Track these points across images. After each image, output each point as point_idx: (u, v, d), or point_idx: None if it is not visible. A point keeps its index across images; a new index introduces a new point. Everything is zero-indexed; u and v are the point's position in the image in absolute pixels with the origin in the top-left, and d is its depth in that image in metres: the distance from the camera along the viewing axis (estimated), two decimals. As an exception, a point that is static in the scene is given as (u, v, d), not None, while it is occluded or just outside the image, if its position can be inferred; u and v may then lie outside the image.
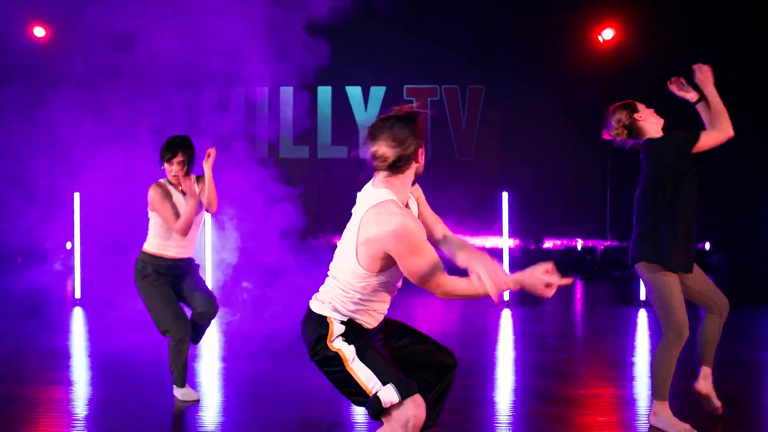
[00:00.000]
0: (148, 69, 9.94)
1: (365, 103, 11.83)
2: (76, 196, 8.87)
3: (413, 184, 3.20)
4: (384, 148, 3.01)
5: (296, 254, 9.35)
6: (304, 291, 4.02)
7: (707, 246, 11.52)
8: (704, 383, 4.43)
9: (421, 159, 3.09)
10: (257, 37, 9.56)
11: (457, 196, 10.58)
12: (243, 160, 9.68)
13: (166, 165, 4.88)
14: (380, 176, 3.07)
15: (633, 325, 7.83)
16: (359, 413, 4.66)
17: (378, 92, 11.81)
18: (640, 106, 4.55)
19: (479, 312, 8.31)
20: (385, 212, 2.96)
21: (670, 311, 4.20)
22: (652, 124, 4.49)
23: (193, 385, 5.32)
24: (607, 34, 11.46)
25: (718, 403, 4.46)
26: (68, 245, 10.75)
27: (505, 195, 8.94)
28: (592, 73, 11.46)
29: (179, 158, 4.83)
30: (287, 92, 11.66)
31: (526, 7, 11.63)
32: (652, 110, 4.54)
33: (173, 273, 4.97)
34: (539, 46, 11.58)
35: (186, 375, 4.95)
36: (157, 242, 4.94)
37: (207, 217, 8.50)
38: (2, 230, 10.21)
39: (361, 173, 3.21)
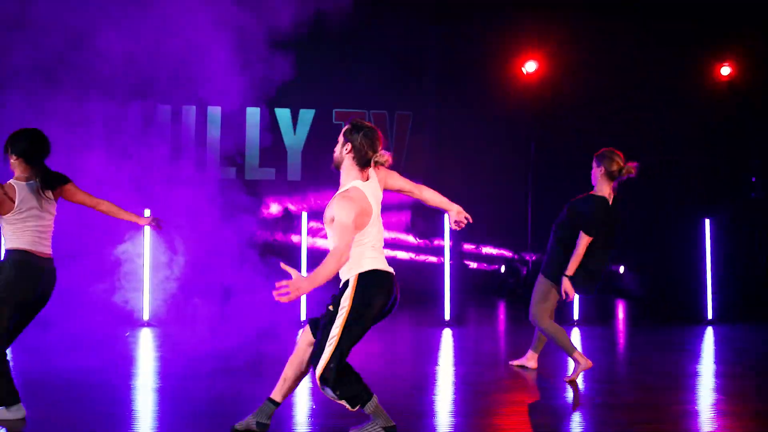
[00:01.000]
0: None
1: (294, 126, 11.84)
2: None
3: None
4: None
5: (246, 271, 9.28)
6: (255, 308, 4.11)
7: (621, 269, 12.02)
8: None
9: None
10: (192, 54, 9.47)
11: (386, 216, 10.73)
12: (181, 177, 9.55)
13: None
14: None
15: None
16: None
17: (307, 115, 11.85)
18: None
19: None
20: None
21: None
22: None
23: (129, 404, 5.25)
24: (530, 66, 11.91)
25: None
26: None
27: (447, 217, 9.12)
28: (516, 103, 11.87)
29: None
30: (216, 111, 11.53)
31: (453, 36, 11.95)
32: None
33: None
34: (466, 75, 11.91)
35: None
36: None
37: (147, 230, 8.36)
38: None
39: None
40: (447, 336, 8.26)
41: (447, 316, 8.83)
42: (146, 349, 7.47)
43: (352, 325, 4.15)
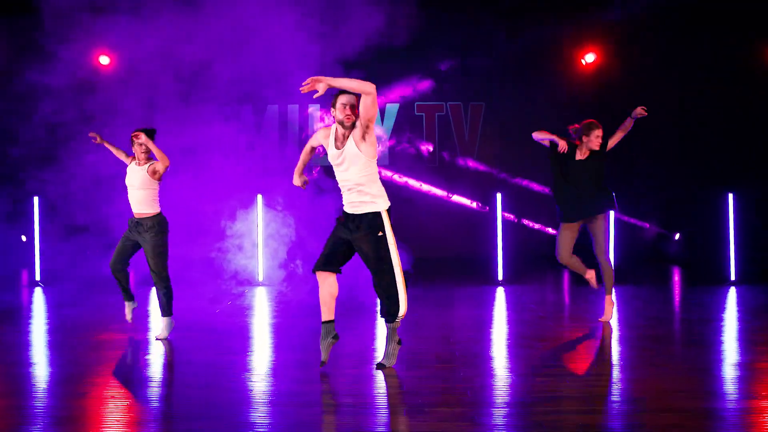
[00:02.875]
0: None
1: (382, 119, 13.78)
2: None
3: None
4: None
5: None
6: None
7: (677, 236, 13.38)
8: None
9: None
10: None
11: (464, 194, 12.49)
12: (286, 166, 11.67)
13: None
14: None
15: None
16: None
17: (392, 109, 13.76)
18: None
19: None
20: None
21: None
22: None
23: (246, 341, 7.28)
24: (589, 57, 13.39)
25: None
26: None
27: (499, 195, 10.82)
28: (576, 91, 13.38)
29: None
30: (315, 108, 13.66)
31: (519, 30, 13.50)
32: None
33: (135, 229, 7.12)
34: (532, 66, 13.47)
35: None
36: None
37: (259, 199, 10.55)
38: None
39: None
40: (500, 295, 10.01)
41: (500, 276, 10.60)
42: (261, 302, 9.58)
43: (397, 254, 5.66)
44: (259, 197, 10.59)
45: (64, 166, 11.60)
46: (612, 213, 7.82)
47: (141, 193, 7.07)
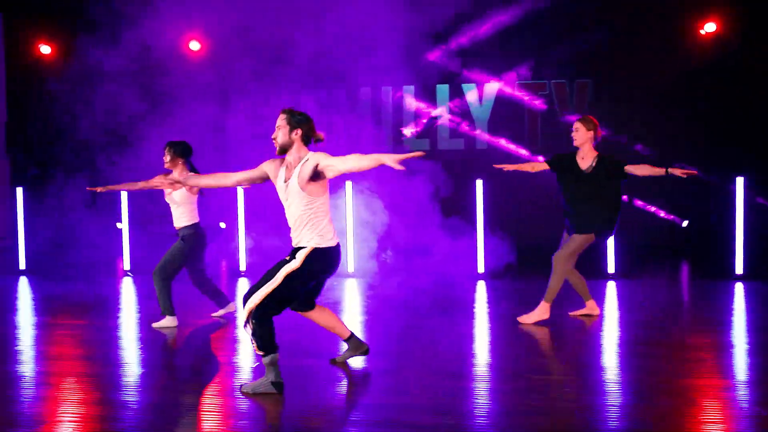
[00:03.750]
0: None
1: (480, 99, 13.02)
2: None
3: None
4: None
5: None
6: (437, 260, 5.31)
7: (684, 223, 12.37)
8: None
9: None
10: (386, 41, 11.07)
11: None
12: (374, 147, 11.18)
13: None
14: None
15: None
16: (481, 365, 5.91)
17: (492, 88, 12.98)
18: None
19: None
20: None
21: None
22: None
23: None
24: (710, 27, 12.24)
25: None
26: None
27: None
28: (693, 64, 12.26)
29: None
30: (410, 90, 13.03)
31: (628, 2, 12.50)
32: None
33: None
34: (642, 38, 12.42)
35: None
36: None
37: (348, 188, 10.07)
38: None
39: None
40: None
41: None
42: (352, 296, 9.09)
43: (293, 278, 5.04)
44: (348, 184, 10.06)
45: (141, 151, 11.48)
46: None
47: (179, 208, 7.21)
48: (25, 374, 5.70)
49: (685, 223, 12.47)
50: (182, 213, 7.12)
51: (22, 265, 10.88)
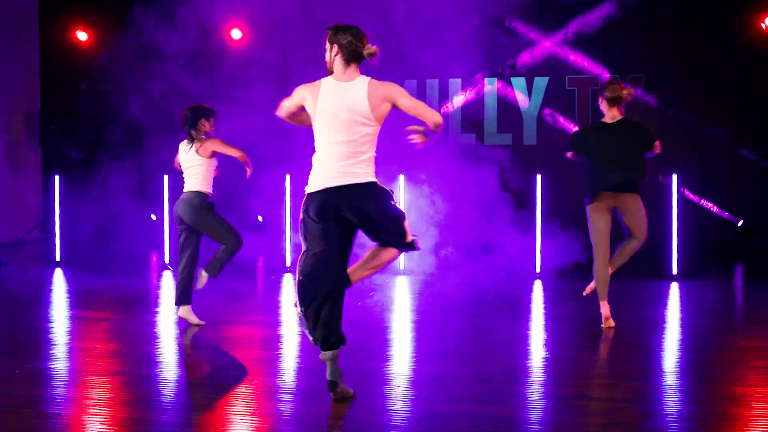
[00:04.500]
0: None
1: (529, 93, 12.57)
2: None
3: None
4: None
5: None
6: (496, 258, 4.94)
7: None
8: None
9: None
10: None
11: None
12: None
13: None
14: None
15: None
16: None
17: (541, 82, 12.52)
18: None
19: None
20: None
21: None
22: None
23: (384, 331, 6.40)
24: (769, 20, 11.65)
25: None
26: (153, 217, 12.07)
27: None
28: (756, 60, 11.70)
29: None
30: (456, 83, 12.62)
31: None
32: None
33: None
34: (699, 32, 11.88)
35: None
36: None
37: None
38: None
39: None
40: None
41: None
42: (403, 293, 8.74)
43: None
44: (401, 177, 9.68)
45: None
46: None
47: None
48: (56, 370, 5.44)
49: (740, 223, 11.90)
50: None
51: (58, 257, 10.71)
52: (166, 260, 10.44)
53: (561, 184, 10.70)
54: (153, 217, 12.01)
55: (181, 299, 6.65)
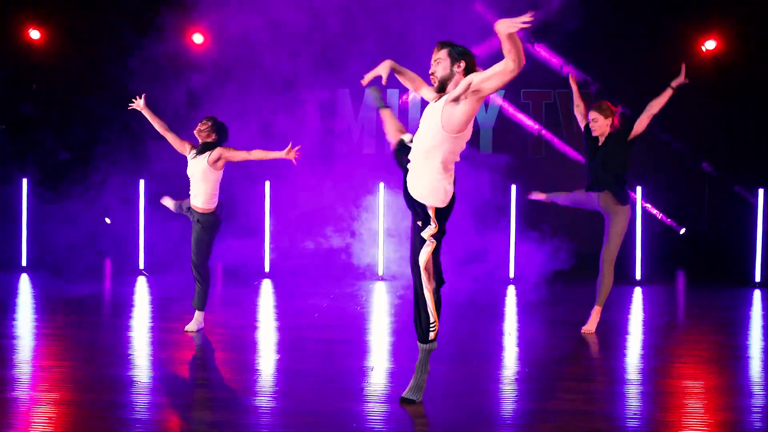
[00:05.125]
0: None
1: (485, 106, 13.07)
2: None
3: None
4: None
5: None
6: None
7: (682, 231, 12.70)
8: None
9: None
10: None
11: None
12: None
13: None
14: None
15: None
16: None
17: (497, 95, 13.05)
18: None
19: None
20: None
21: None
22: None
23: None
24: (710, 44, 12.59)
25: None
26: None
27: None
28: (695, 79, 12.56)
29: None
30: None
31: (632, 16, 12.72)
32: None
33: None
34: (647, 52, 12.67)
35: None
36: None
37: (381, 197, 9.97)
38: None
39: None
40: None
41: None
42: (381, 295, 9.00)
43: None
44: (381, 185, 9.97)
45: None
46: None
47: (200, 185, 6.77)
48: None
49: (682, 231, 12.72)
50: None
51: (24, 262, 10.44)
52: (141, 266, 10.34)
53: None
54: (107, 220, 11.83)
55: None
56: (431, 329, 4.85)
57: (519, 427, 4.53)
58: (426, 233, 4.78)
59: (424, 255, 4.79)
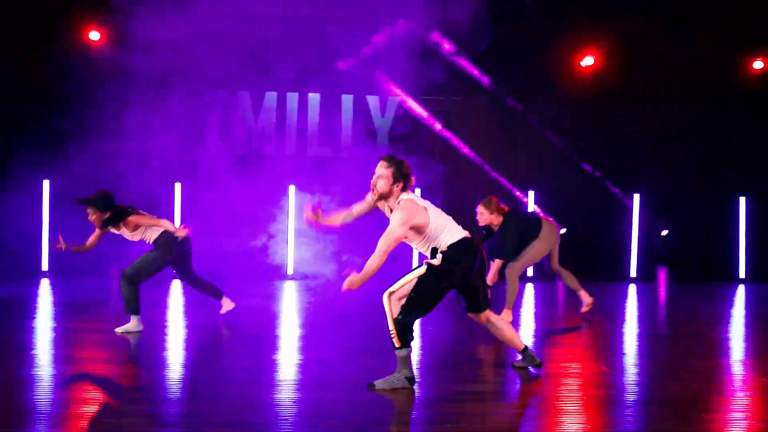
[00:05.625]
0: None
1: (382, 112, 13.57)
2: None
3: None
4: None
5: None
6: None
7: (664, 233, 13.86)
8: None
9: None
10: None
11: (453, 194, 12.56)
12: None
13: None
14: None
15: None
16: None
17: (393, 102, 13.57)
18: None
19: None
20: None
21: None
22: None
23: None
24: (588, 61, 13.59)
25: None
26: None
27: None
28: (573, 94, 13.57)
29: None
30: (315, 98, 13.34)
31: (518, 36, 13.57)
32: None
33: None
34: (532, 67, 13.56)
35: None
36: None
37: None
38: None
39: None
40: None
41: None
42: (290, 297, 9.30)
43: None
44: (292, 188, 10.27)
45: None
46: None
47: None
48: None
49: (665, 232, 13.59)
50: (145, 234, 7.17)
51: None
52: (45, 267, 10.18)
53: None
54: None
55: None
56: (392, 336, 5.29)
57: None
58: (429, 261, 5.29)
59: (409, 277, 5.30)
